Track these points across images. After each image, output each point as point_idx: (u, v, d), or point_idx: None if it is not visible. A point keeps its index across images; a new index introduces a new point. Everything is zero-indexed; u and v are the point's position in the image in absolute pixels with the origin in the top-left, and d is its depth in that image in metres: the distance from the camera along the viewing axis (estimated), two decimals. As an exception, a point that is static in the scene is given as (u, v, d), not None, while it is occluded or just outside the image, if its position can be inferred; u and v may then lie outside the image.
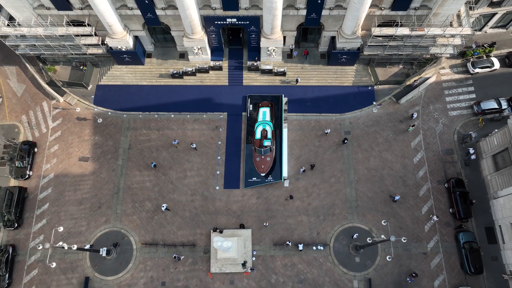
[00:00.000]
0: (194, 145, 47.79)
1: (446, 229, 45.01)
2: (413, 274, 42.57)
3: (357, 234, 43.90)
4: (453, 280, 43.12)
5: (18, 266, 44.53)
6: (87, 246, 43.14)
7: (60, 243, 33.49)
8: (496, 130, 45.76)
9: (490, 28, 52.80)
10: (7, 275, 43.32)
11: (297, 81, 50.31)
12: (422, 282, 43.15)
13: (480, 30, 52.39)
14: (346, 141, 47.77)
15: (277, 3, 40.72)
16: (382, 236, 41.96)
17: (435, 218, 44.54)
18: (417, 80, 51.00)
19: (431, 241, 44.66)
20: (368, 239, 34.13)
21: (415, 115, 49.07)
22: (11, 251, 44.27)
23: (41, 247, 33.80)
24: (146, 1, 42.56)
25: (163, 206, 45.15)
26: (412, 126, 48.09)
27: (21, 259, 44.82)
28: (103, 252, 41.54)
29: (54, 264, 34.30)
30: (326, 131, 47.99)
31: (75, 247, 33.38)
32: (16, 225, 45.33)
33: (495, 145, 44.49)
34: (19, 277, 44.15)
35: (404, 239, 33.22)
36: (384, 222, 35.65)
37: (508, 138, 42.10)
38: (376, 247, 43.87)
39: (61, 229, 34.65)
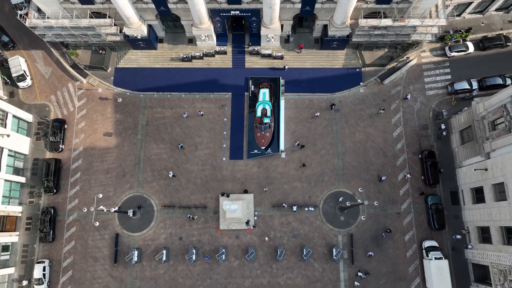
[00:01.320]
0: (202, 113, 55.53)
1: (418, 193, 53.39)
2: (388, 230, 51.44)
3: (342, 198, 52.24)
4: (421, 235, 52.08)
5: (59, 225, 53.41)
6: (116, 209, 51.59)
7: (101, 206, 41.72)
8: (465, 108, 52.90)
9: (468, 14, 58.31)
10: (51, 232, 52.24)
11: (284, 68, 56.68)
12: (395, 237, 52.11)
13: (459, 15, 58.01)
14: (334, 106, 54.99)
15: (275, 2, 46.51)
16: (359, 200, 50.28)
17: (408, 176, 52.90)
18: (409, 57, 56.94)
19: (405, 203, 53.16)
20: (347, 202, 42.35)
21: (408, 97, 55.69)
22: (53, 212, 53.01)
23: (86, 210, 42.17)
24: (159, -4, 48.33)
25: (170, 173, 53.42)
26: (382, 110, 55.09)
27: (61, 219, 53.62)
28: (130, 213, 50.37)
29: (97, 223, 42.96)
30: (316, 114, 55.08)
31: (113, 209, 41.80)
32: (54, 190, 53.72)
33: (462, 122, 51.83)
34: (61, 233, 53.13)
35: (375, 203, 41.56)
36: (360, 189, 43.83)
37: (472, 117, 49.36)
38: (358, 208, 52.42)
39: (100, 195, 43.00)
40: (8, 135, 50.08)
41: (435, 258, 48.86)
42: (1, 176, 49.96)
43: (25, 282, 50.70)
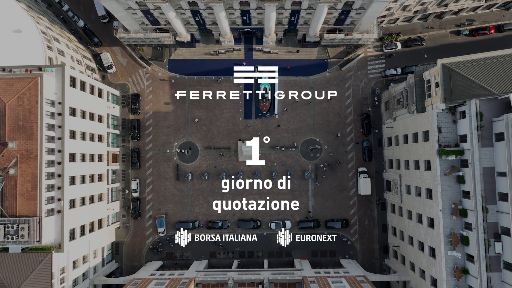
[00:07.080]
0: (219, 80, 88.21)
1: (358, 140, 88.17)
2: (339, 161, 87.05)
3: (296, 144, 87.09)
4: (357, 164, 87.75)
5: (142, 159, 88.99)
6: (177, 150, 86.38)
7: (177, 149, 76.56)
8: (390, 86, 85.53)
9: (400, 22, 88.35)
10: (138, 163, 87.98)
11: (243, 64, 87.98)
12: (342, 165, 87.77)
13: (393, 23, 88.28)
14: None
15: (271, 26, 77.46)
16: (316, 145, 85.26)
17: (366, 114, 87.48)
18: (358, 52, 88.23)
19: (349, 145, 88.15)
20: (310, 147, 77.22)
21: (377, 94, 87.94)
22: (138, 151, 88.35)
23: (168, 151, 77.39)
24: (201, 22, 78.98)
25: (196, 119, 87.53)
26: (310, 102, 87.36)
27: (143, 156, 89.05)
28: (186, 152, 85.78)
29: (175, 158, 78.32)
30: (296, 100, 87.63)
31: (182, 151, 76.84)
32: (138, 138, 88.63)
33: (386, 97, 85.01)
34: (143, 164, 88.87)
35: (325, 147, 76.34)
36: (317, 139, 78.45)
37: (389, 95, 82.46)
38: (321, 149, 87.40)
39: (176, 143, 77.74)
40: (113, 107, 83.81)
41: (363, 177, 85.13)
42: (110, 130, 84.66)
43: (127, 191, 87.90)
